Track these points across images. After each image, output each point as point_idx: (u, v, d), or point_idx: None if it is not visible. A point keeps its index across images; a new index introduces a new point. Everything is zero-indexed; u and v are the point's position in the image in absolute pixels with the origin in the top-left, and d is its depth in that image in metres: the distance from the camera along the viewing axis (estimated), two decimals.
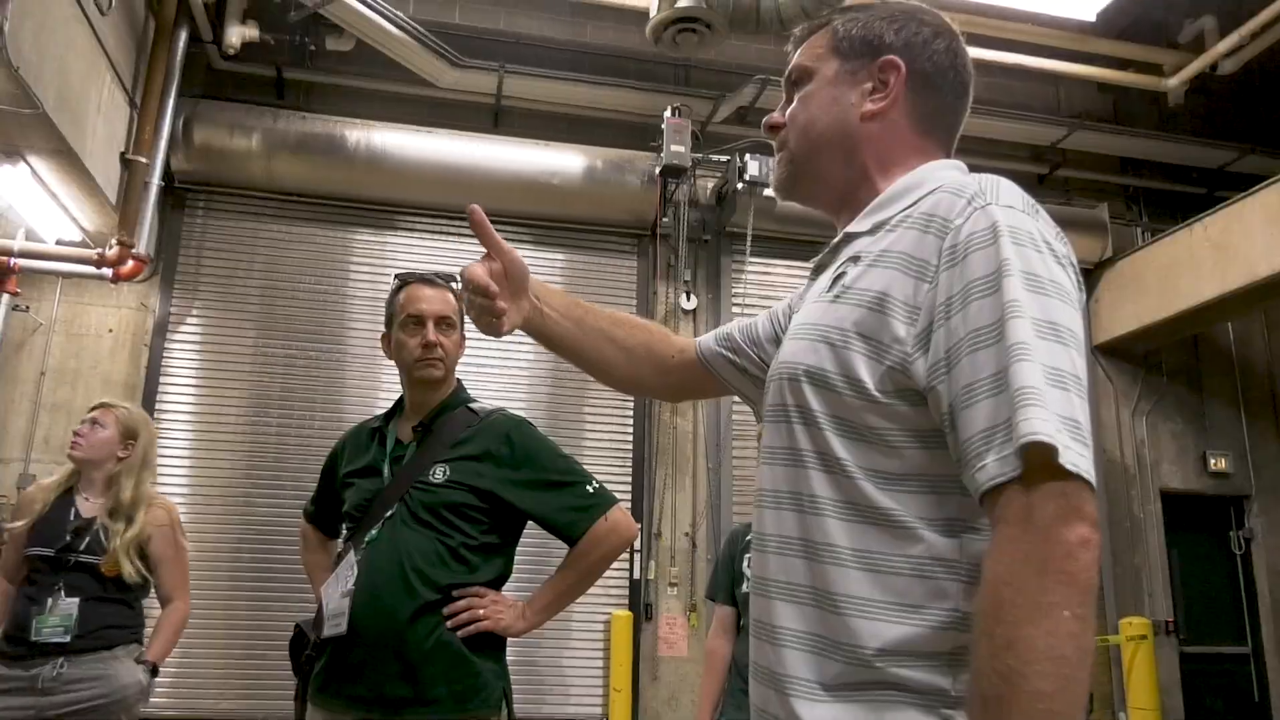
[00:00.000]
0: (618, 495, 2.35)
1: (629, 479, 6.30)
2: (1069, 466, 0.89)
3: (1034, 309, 0.95)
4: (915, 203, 1.12)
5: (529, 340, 6.05)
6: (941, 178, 1.14)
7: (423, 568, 2.10)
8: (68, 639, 3.01)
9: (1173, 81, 7.17)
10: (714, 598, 3.43)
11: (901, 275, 1.06)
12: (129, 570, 3.16)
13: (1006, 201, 1.04)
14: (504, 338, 1.37)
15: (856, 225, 1.19)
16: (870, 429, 1.05)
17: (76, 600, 3.06)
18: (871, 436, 1.05)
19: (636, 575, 6.14)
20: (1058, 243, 1.04)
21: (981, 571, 0.93)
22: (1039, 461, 0.89)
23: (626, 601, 6.12)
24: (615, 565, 6.77)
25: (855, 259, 1.14)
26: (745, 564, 3.20)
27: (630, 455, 6.38)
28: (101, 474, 3.24)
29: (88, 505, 3.21)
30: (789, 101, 1.31)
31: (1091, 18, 6.70)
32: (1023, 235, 1.00)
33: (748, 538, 3.27)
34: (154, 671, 3.21)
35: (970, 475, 0.95)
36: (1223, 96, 7.94)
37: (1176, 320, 6.70)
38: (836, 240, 1.23)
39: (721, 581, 3.36)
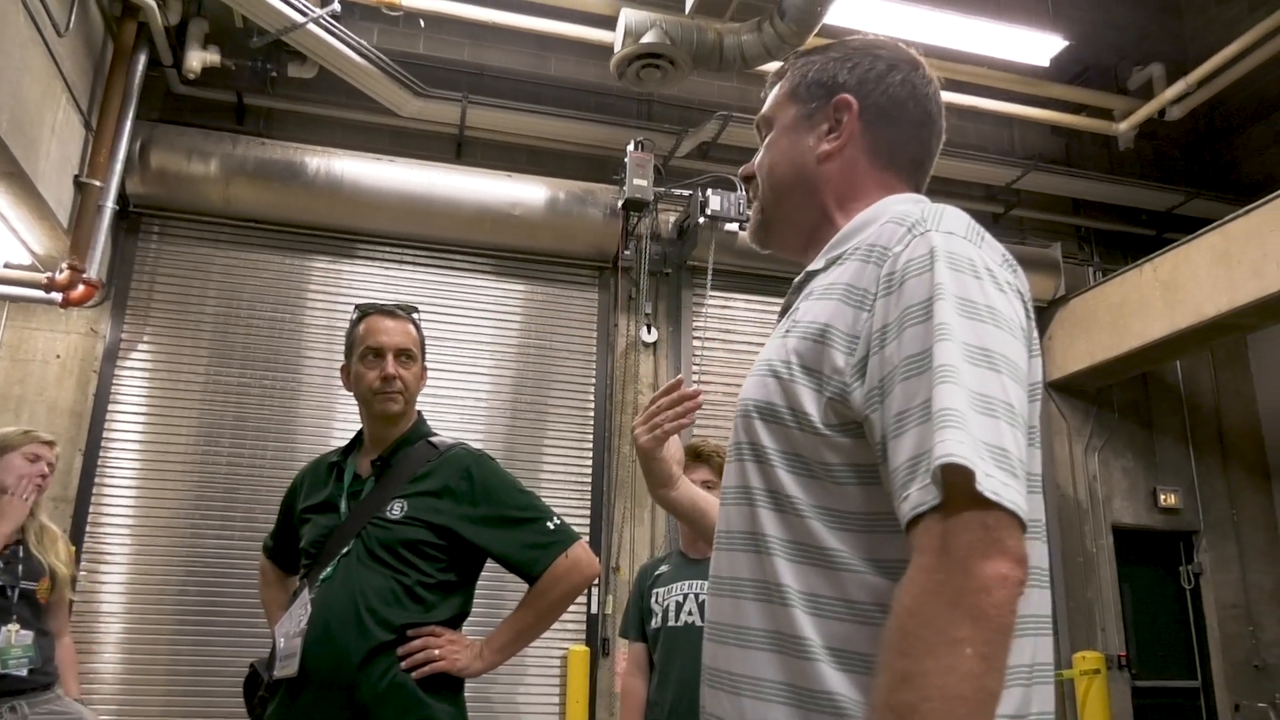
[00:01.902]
0: (576, 529, 2.31)
1: (588, 512, 6.26)
2: (989, 494, 0.85)
3: (965, 333, 0.93)
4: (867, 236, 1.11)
5: (486, 370, 6.05)
6: (894, 210, 1.12)
7: (377, 607, 2.04)
8: (24, 673, 2.89)
9: (1122, 126, 7.39)
10: (626, 635, 3.33)
11: (842, 305, 1.04)
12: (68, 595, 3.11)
13: (948, 228, 1.02)
14: (465, 372, 1.37)
15: (815, 264, 1.18)
16: (820, 464, 1.03)
17: (31, 633, 2.97)
18: (820, 472, 1.03)
19: (594, 610, 6.08)
20: (1002, 270, 1.02)
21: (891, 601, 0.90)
22: (960, 490, 0.85)
23: (584, 636, 6.05)
24: None
25: (809, 295, 1.13)
26: (654, 599, 3.14)
27: (589, 488, 6.34)
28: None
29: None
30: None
31: (1045, 63, 6.90)
32: (960, 260, 0.98)
33: (656, 572, 3.22)
34: None
35: (898, 507, 0.91)
36: (1170, 141, 8.18)
37: (1127, 358, 6.84)
38: (798, 279, 1.22)
39: (632, 618, 3.27)
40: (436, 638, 2.08)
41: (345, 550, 2.11)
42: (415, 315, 2.38)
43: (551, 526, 2.22)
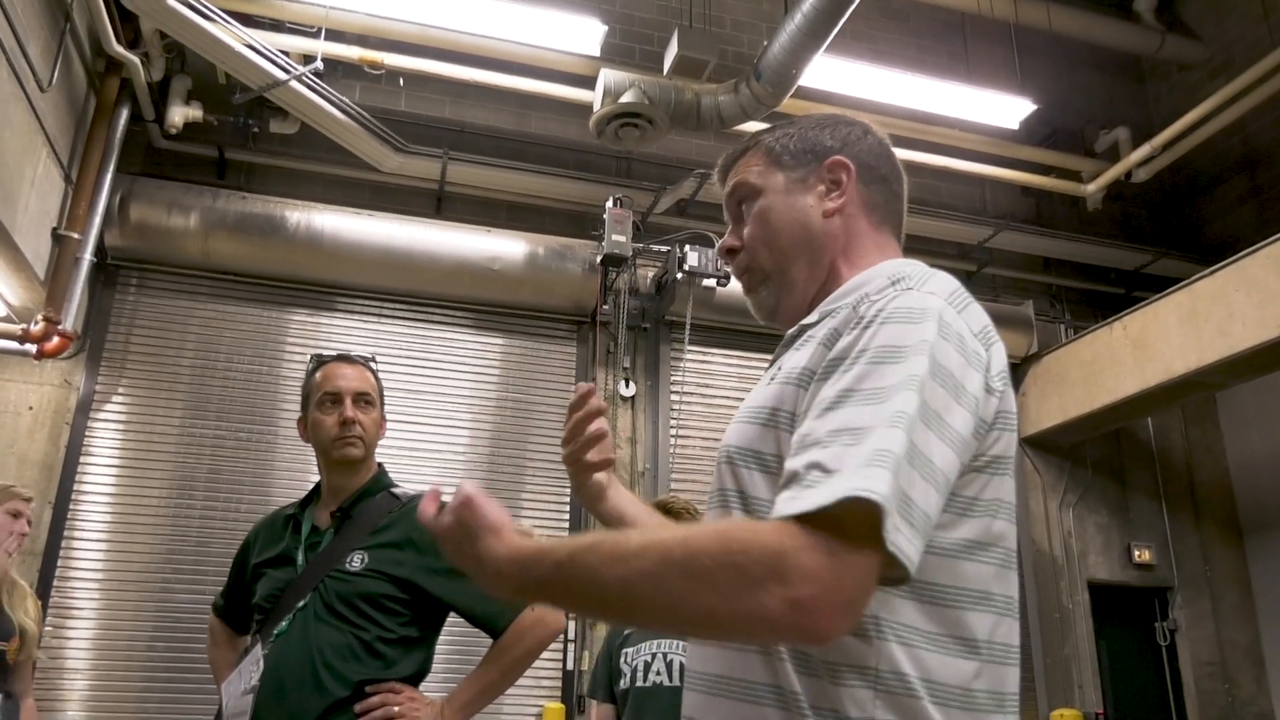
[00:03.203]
0: None
1: None
2: (890, 548, 0.84)
3: (930, 393, 0.94)
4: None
5: (464, 423, 6.03)
6: (889, 269, 1.15)
7: (334, 663, 1.97)
8: None
9: (1090, 187, 7.56)
10: (594, 695, 3.29)
11: (822, 349, 1.05)
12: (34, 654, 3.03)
13: (931, 289, 1.05)
14: (443, 425, 1.37)
15: (810, 318, 1.18)
16: None
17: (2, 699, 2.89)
18: None
19: (569, 666, 6.01)
20: (973, 340, 1.03)
21: (731, 519, 0.93)
22: (861, 527, 0.85)
23: (559, 693, 5.97)
24: (547, 655, 6.55)
25: (800, 345, 1.14)
26: (624, 659, 3.11)
27: None
28: None
29: None
30: (739, 223, 1.31)
31: (1014, 126, 7.08)
32: (949, 329, 1.00)
33: (625, 630, 3.19)
34: None
35: (796, 468, 0.91)
36: (1138, 202, 8.37)
37: (1099, 415, 6.91)
38: (792, 332, 1.21)
39: (600, 677, 3.24)
40: (396, 694, 2.01)
41: (301, 604, 2.04)
42: (373, 364, 2.34)
43: None
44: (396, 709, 1.99)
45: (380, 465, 2.32)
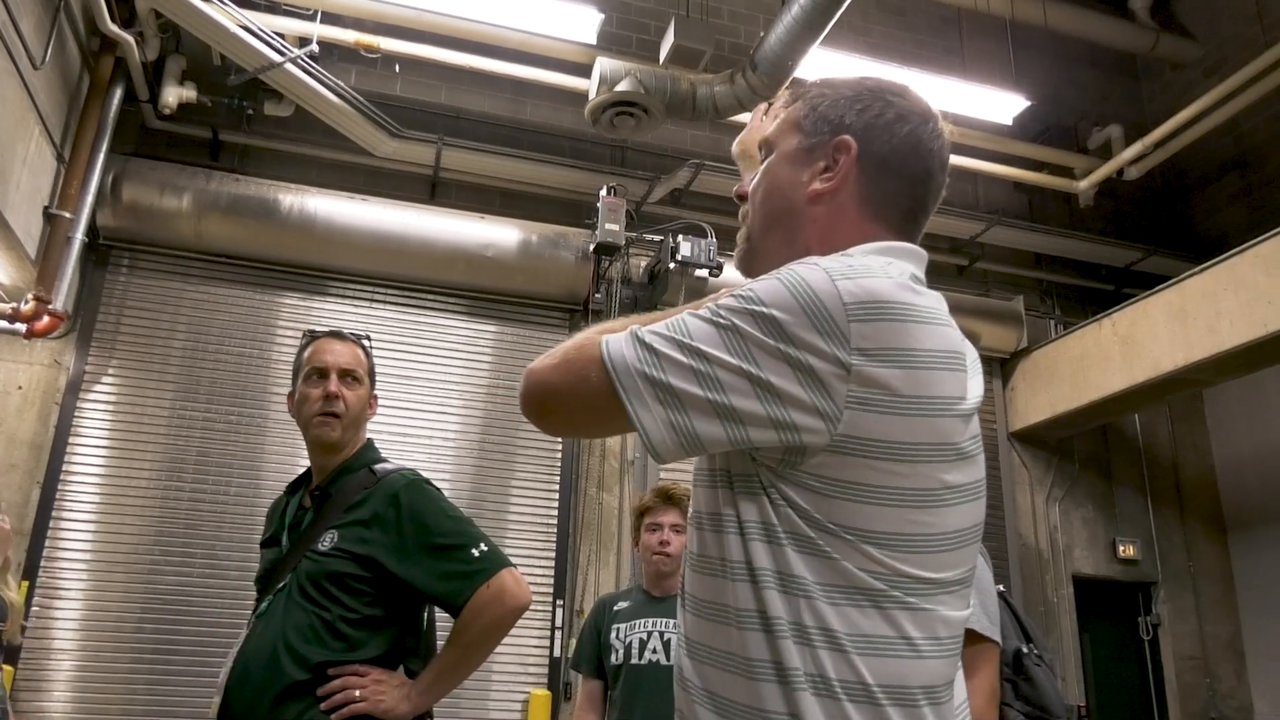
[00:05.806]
0: (540, 570, 2.25)
1: (553, 553, 6.23)
2: (605, 359, 1.06)
3: (693, 324, 1.05)
4: None
5: (455, 410, 6.06)
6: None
7: (295, 644, 1.93)
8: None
9: (1082, 184, 7.59)
10: (577, 668, 3.26)
11: None
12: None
13: (824, 262, 1.04)
14: (434, 411, 1.39)
15: None
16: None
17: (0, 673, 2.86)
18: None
19: (556, 653, 6.04)
20: (838, 306, 0.99)
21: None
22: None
23: (546, 680, 6.00)
24: (534, 642, 6.58)
25: None
26: (614, 635, 3.09)
27: (555, 529, 6.33)
28: None
29: None
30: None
31: (1008, 122, 7.09)
32: (752, 295, 1.03)
33: (615, 607, 3.17)
34: None
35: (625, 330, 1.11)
36: (1129, 199, 8.41)
37: (1087, 410, 6.96)
38: None
39: (587, 653, 3.19)
40: (361, 677, 1.95)
41: (281, 585, 2.04)
42: (366, 342, 2.31)
43: (476, 554, 2.04)
44: (358, 692, 1.93)
45: (369, 441, 2.27)
